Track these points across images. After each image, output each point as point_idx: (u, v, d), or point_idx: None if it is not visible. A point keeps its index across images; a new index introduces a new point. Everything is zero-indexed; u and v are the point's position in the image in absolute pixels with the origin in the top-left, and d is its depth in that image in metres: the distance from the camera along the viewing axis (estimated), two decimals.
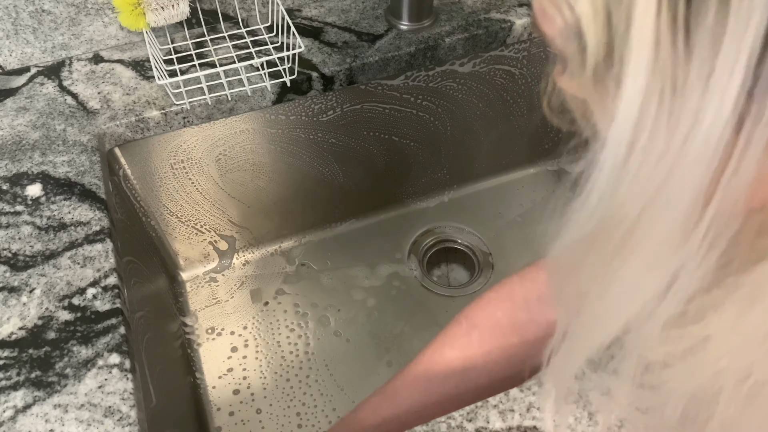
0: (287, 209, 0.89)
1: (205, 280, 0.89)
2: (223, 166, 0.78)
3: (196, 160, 0.76)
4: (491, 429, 0.45)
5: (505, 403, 0.46)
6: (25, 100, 0.69)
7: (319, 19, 0.78)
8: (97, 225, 0.58)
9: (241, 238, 0.90)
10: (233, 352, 0.82)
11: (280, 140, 0.78)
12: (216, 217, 0.85)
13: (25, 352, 0.50)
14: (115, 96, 0.69)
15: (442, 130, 0.89)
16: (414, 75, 0.79)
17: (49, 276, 0.54)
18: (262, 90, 0.71)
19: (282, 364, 0.82)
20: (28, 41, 0.70)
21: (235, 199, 0.83)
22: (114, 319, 0.52)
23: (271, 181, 0.83)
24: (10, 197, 0.60)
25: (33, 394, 0.48)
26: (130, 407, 0.47)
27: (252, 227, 0.89)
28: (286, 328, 0.85)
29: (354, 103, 0.78)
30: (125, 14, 0.68)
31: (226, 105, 0.70)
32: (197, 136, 0.73)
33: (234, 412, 0.78)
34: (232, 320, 0.85)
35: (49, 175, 0.62)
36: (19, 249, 0.56)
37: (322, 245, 0.93)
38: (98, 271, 0.55)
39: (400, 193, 0.95)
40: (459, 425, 0.45)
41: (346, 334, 0.84)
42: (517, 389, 0.47)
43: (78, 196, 0.60)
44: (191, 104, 0.68)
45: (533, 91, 0.90)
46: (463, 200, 0.99)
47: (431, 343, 0.56)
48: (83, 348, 0.50)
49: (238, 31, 0.76)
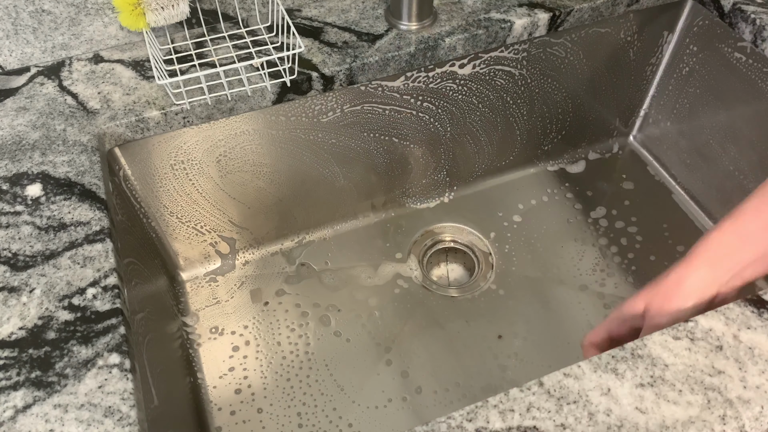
0: (287, 209, 0.89)
1: (206, 280, 0.89)
2: (223, 167, 0.78)
3: (196, 160, 0.76)
4: (491, 429, 0.45)
5: (505, 403, 0.46)
6: (25, 100, 0.69)
7: (319, 19, 0.78)
8: (97, 225, 0.58)
9: (242, 238, 0.90)
10: (234, 352, 0.82)
11: (280, 140, 0.78)
12: (216, 217, 0.85)
13: (25, 352, 0.50)
14: (115, 96, 0.69)
15: (442, 130, 0.89)
16: (414, 76, 0.79)
17: (49, 276, 0.54)
18: (262, 90, 0.71)
19: (282, 363, 0.82)
20: (28, 41, 0.70)
21: (235, 199, 0.83)
22: (114, 319, 0.52)
23: (271, 181, 0.83)
24: (10, 197, 0.60)
25: (33, 394, 0.48)
26: (130, 407, 0.47)
27: (252, 227, 0.89)
28: (287, 328, 0.85)
29: (354, 103, 0.78)
30: (125, 14, 0.68)
31: (226, 105, 0.70)
32: (197, 137, 0.73)
33: (235, 412, 0.78)
34: (232, 320, 0.85)
35: (49, 175, 0.62)
36: (19, 249, 0.56)
37: (322, 245, 0.93)
38: (98, 271, 0.55)
39: (400, 193, 0.95)
40: (459, 425, 0.45)
41: (346, 334, 0.84)
42: (517, 389, 0.47)
43: (78, 196, 0.60)
44: (191, 104, 0.69)
45: (533, 91, 0.90)
46: (463, 200, 0.99)
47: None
48: (83, 348, 0.50)
49: (238, 31, 0.76)
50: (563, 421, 0.45)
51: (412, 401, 0.78)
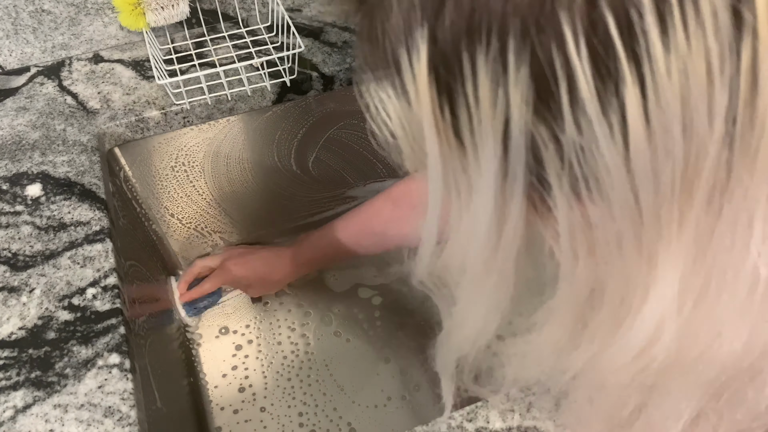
0: (287, 209, 0.89)
1: None
2: (223, 166, 0.78)
3: (196, 160, 0.75)
4: (491, 429, 0.45)
5: (505, 404, 0.46)
6: (25, 100, 0.69)
7: (319, 19, 0.78)
8: (97, 225, 0.58)
9: (242, 238, 0.90)
10: (235, 352, 0.82)
11: (280, 140, 0.78)
12: (216, 217, 0.85)
13: (24, 352, 0.50)
14: (114, 96, 0.69)
15: None
16: None
17: (49, 276, 0.54)
18: (262, 90, 0.71)
19: (283, 363, 0.82)
20: (27, 41, 0.70)
21: (235, 198, 0.83)
22: (114, 319, 0.52)
23: (271, 181, 0.83)
24: (10, 197, 0.60)
25: (33, 394, 0.48)
26: (130, 407, 0.47)
27: (252, 227, 0.89)
28: (288, 328, 0.85)
29: (355, 103, 0.78)
30: (125, 14, 0.68)
31: (226, 105, 0.70)
32: (197, 136, 0.73)
33: (236, 411, 0.78)
34: (232, 320, 0.85)
35: (48, 175, 0.62)
36: (19, 249, 0.56)
37: None
38: (98, 271, 0.55)
39: None
40: (459, 425, 0.45)
41: (346, 334, 0.84)
42: (517, 389, 0.47)
43: (78, 196, 0.60)
44: (191, 104, 0.68)
45: None
46: None
47: (358, 210, 0.73)
48: (83, 348, 0.50)
49: (238, 30, 0.76)
50: (563, 421, 0.45)
51: (411, 400, 0.78)
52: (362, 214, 0.73)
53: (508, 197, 0.24)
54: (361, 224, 0.73)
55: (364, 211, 0.73)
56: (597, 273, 0.26)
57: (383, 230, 0.71)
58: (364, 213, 0.73)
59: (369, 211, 0.72)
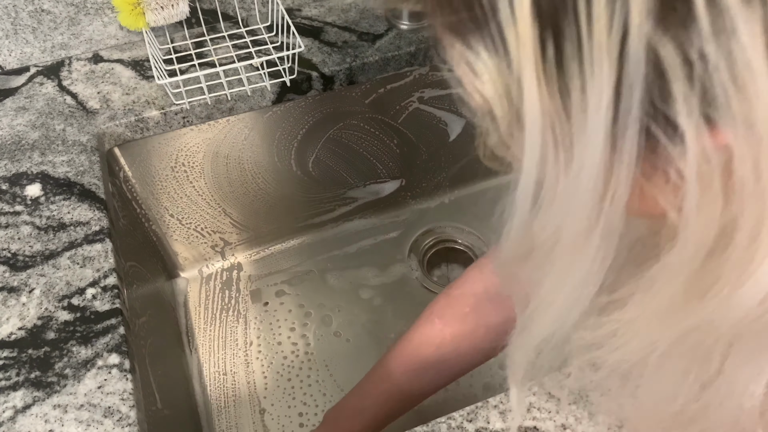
0: (287, 209, 0.89)
1: (206, 281, 0.89)
2: (223, 166, 0.78)
3: (195, 159, 0.75)
4: (491, 429, 0.45)
5: (506, 404, 0.46)
6: (25, 100, 0.69)
7: (319, 19, 0.78)
8: (97, 225, 0.58)
9: (241, 238, 0.90)
10: (235, 352, 0.82)
11: (280, 140, 0.78)
12: (216, 218, 0.85)
13: (24, 352, 0.50)
14: (114, 96, 0.69)
15: (443, 131, 0.89)
16: (414, 77, 0.78)
17: (49, 276, 0.54)
18: (262, 90, 0.71)
19: (283, 363, 0.81)
20: (27, 41, 0.70)
21: (235, 199, 0.83)
22: (113, 319, 0.52)
23: (270, 181, 0.83)
24: (10, 197, 0.60)
25: (32, 395, 0.48)
26: (130, 407, 0.47)
27: (252, 227, 0.89)
28: (288, 328, 0.85)
29: (354, 104, 0.78)
30: (125, 14, 0.68)
31: (226, 105, 0.70)
32: (197, 136, 0.73)
33: (236, 411, 0.78)
34: (233, 320, 0.85)
35: (48, 175, 0.62)
36: (19, 249, 0.56)
37: (323, 246, 0.93)
38: (98, 271, 0.55)
39: (400, 193, 0.95)
40: (459, 425, 0.45)
41: (346, 335, 0.84)
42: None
43: (77, 196, 0.60)
44: (191, 104, 0.68)
45: None
46: (464, 201, 0.99)
47: (403, 341, 0.60)
48: (83, 348, 0.50)
49: (237, 30, 0.76)
50: (563, 421, 0.45)
51: None
52: (404, 350, 0.58)
53: (618, 143, 0.21)
54: (406, 363, 0.58)
55: (405, 347, 0.58)
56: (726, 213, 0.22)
57: (438, 358, 0.57)
58: (406, 348, 0.58)
59: (413, 341, 0.58)
